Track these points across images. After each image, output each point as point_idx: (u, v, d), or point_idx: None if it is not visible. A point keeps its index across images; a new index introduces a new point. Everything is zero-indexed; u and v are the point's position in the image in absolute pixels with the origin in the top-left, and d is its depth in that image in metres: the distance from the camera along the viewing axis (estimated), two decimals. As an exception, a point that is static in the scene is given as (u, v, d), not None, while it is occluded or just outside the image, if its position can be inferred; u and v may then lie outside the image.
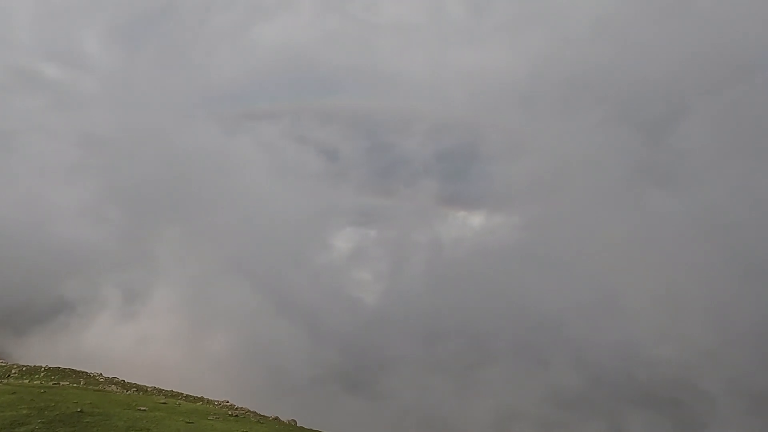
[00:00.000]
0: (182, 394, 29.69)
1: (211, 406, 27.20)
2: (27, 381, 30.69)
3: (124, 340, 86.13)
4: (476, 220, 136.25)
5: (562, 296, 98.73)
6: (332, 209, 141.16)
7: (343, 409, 75.81)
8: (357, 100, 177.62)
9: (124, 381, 31.90)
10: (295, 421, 26.25)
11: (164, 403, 27.47)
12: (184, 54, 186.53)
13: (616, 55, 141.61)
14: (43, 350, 73.88)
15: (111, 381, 31.58)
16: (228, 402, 27.66)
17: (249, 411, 26.12)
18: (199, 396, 29.27)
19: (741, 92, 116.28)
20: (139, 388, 30.72)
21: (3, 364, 34.60)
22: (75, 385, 30.94)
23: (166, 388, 30.58)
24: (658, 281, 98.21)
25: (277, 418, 25.78)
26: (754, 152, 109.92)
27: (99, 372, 33.04)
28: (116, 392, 30.05)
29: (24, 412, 21.45)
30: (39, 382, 30.89)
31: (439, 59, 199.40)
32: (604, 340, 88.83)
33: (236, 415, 24.64)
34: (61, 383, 30.97)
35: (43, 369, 32.51)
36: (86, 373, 32.94)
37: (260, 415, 25.72)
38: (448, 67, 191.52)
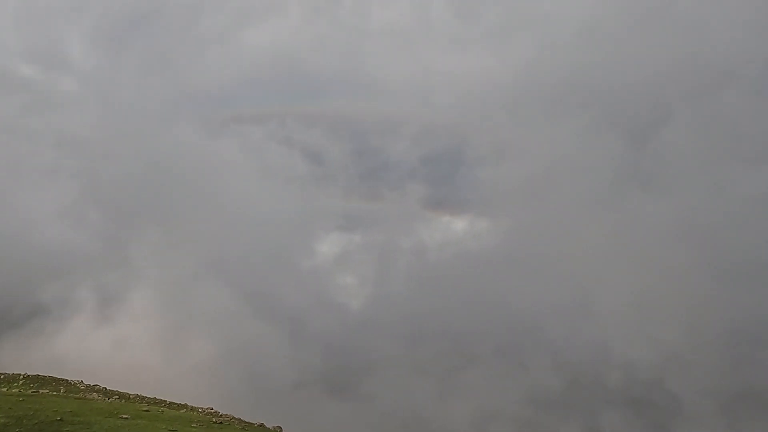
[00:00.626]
0: (165, 401, 29.46)
1: (194, 413, 27.11)
2: (5, 389, 30.15)
3: (100, 344, 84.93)
4: (461, 224, 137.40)
5: (543, 299, 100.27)
6: (317, 212, 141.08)
7: (325, 413, 75.82)
8: (344, 104, 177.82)
9: (105, 388, 31.48)
10: (280, 428, 26.34)
11: (147, 410, 27.27)
12: (170, 57, 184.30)
13: (602, 61, 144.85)
14: (17, 356, 72.43)
15: (92, 388, 31.19)
16: (212, 409, 27.57)
17: (234, 418, 26.12)
18: (183, 403, 29.07)
19: (722, 98, 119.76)
20: (122, 396, 30.36)
21: (-20, 372, 33.96)
22: (55, 393, 30.48)
23: (148, 395, 30.32)
24: (637, 284, 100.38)
25: (262, 425, 25.86)
26: (734, 157, 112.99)
27: (80, 379, 32.61)
28: (97, 400, 29.68)
29: (2, 421, 21.20)
30: (18, 390, 30.35)
31: (427, 64, 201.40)
32: (583, 342, 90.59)
33: (220, 422, 24.63)
34: (41, 391, 30.51)
35: (22, 377, 32.01)
36: (66, 380, 32.48)
37: (245, 422, 25.74)
38: (435, 72, 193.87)
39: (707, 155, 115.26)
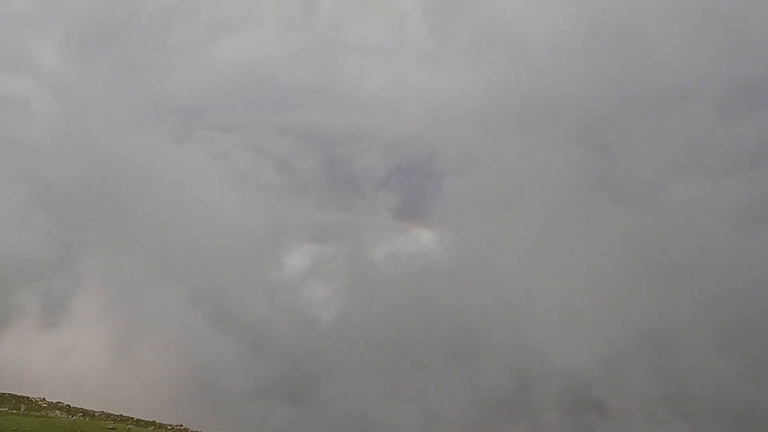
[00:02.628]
0: (132, 418, 29.80)
1: (163, 430, 27.81)
2: (-37, 408, 29.87)
3: (44, 352, 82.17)
4: (431, 235, 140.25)
5: (498, 308, 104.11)
6: (286, 221, 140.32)
7: (280, 420, 76.53)
8: (317, 115, 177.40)
9: (69, 406, 31.45)
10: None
11: (113, 428, 27.66)
12: (141, 66, 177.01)
13: (570, 78, 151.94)
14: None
15: (55, 406, 31.18)
16: (182, 426, 28.30)
17: (204, 435, 27.04)
18: (151, 420, 29.59)
19: (686, 113, 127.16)
20: (86, 413, 30.48)
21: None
22: (15, 411, 30.37)
23: (114, 413, 30.67)
24: (579, 294, 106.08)
25: (231, 442, 26.90)
26: (697, 170, 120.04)
27: (42, 396, 32.51)
28: (60, 418, 29.81)
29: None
30: (-25, 408, 30.11)
31: (400, 78, 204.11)
32: (528, 348, 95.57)
33: (190, 439, 25.62)
34: (0, 409, 30.41)
35: (-20, 395, 31.57)
36: (27, 397, 32.24)
37: (215, 439, 26.71)
38: (409, 86, 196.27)
39: (671, 169, 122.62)
